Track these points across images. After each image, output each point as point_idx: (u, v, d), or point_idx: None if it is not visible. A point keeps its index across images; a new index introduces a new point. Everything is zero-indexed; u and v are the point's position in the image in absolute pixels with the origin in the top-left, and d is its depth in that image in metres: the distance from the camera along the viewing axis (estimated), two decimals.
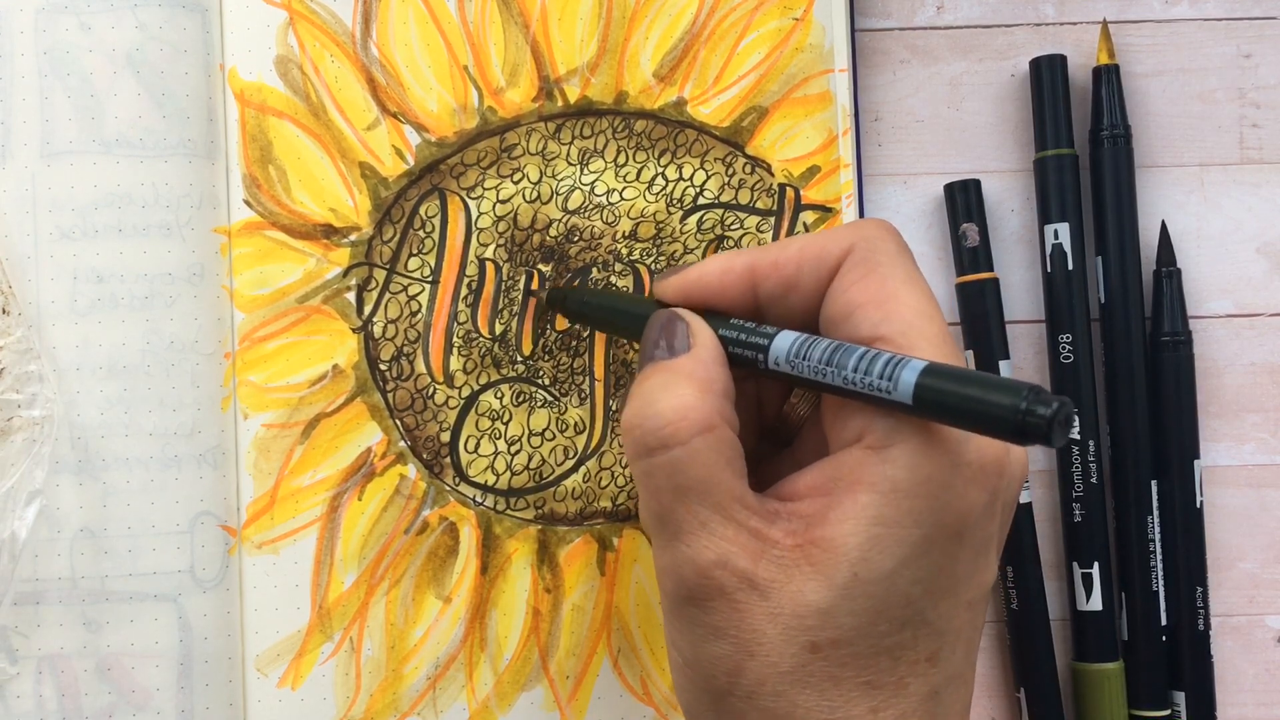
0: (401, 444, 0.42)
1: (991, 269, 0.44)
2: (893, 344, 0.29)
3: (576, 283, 0.43)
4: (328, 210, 0.42)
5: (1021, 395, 0.25)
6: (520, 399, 0.43)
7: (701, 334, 0.31)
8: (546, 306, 0.42)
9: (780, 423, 0.36)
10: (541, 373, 0.43)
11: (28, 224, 0.41)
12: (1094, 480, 0.43)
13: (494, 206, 0.43)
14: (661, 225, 0.43)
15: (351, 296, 0.42)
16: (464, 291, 0.43)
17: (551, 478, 0.43)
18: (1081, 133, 0.45)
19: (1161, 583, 0.44)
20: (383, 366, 0.42)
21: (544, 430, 0.43)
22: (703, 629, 0.29)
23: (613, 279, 0.43)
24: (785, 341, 0.30)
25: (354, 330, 0.42)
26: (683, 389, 0.29)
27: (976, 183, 0.45)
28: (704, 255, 0.43)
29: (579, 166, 0.43)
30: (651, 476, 0.30)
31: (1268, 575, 0.45)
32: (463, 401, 0.42)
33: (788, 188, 0.43)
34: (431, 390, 0.42)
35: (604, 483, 0.43)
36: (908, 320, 0.29)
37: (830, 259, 0.31)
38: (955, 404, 0.26)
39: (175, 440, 0.41)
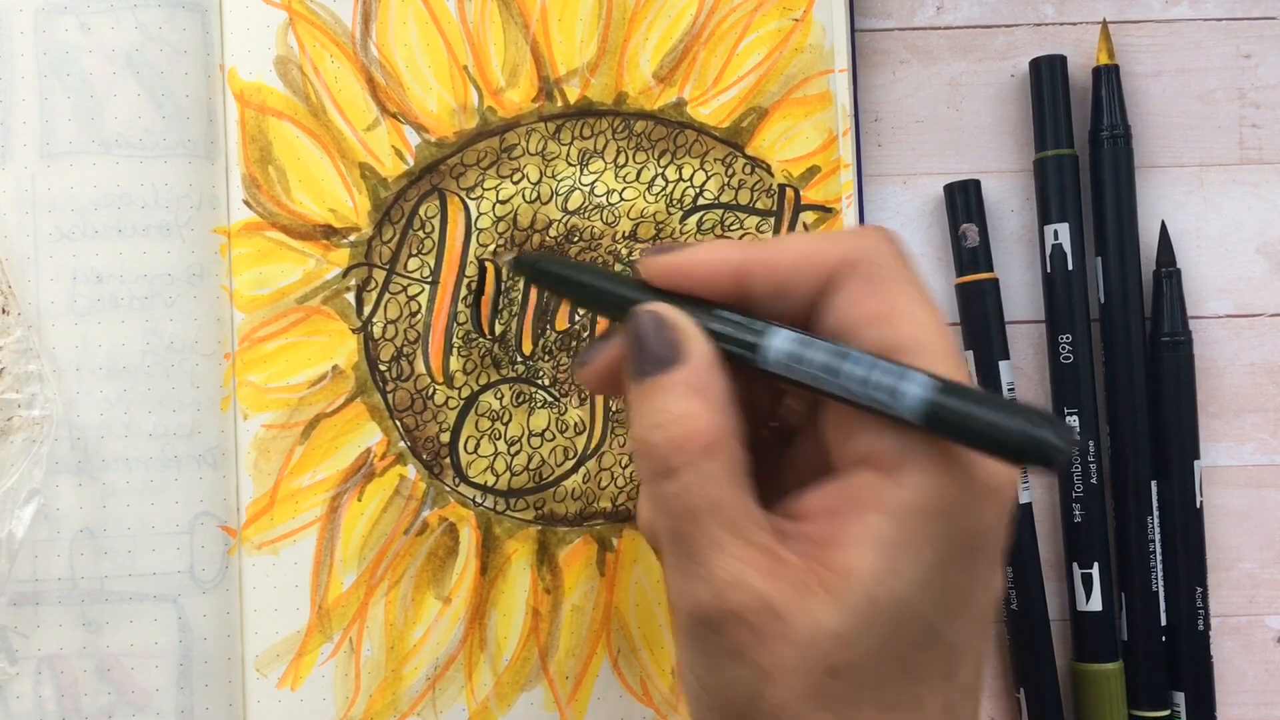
0: (401, 444, 0.42)
1: (991, 269, 0.44)
2: (902, 358, 0.28)
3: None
4: (327, 211, 0.42)
5: (1039, 422, 0.25)
6: (520, 399, 0.43)
7: (694, 338, 0.30)
8: (512, 272, 0.40)
9: (779, 420, 0.35)
10: (541, 373, 0.43)
11: (27, 224, 0.41)
12: (1094, 480, 0.43)
13: (494, 207, 0.43)
14: (661, 226, 0.43)
15: (351, 297, 0.42)
16: (464, 292, 0.43)
17: (551, 478, 0.43)
18: (1081, 133, 0.45)
19: (1161, 583, 0.44)
20: (382, 367, 0.42)
21: (544, 431, 0.43)
22: (720, 654, 0.28)
23: None
24: (780, 341, 0.28)
25: (354, 331, 0.42)
26: (683, 407, 0.29)
27: (976, 183, 0.45)
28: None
29: (579, 167, 0.43)
30: (662, 500, 0.29)
31: (1267, 575, 0.45)
32: (462, 402, 0.42)
33: (787, 188, 0.43)
34: (431, 391, 0.42)
35: (604, 483, 0.43)
36: (915, 336, 0.28)
37: (826, 269, 0.29)
38: (967, 425, 0.26)
39: (175, 441, 0.41)
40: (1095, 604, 0.43)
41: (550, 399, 0.43)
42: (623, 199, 0.43)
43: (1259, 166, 0.46)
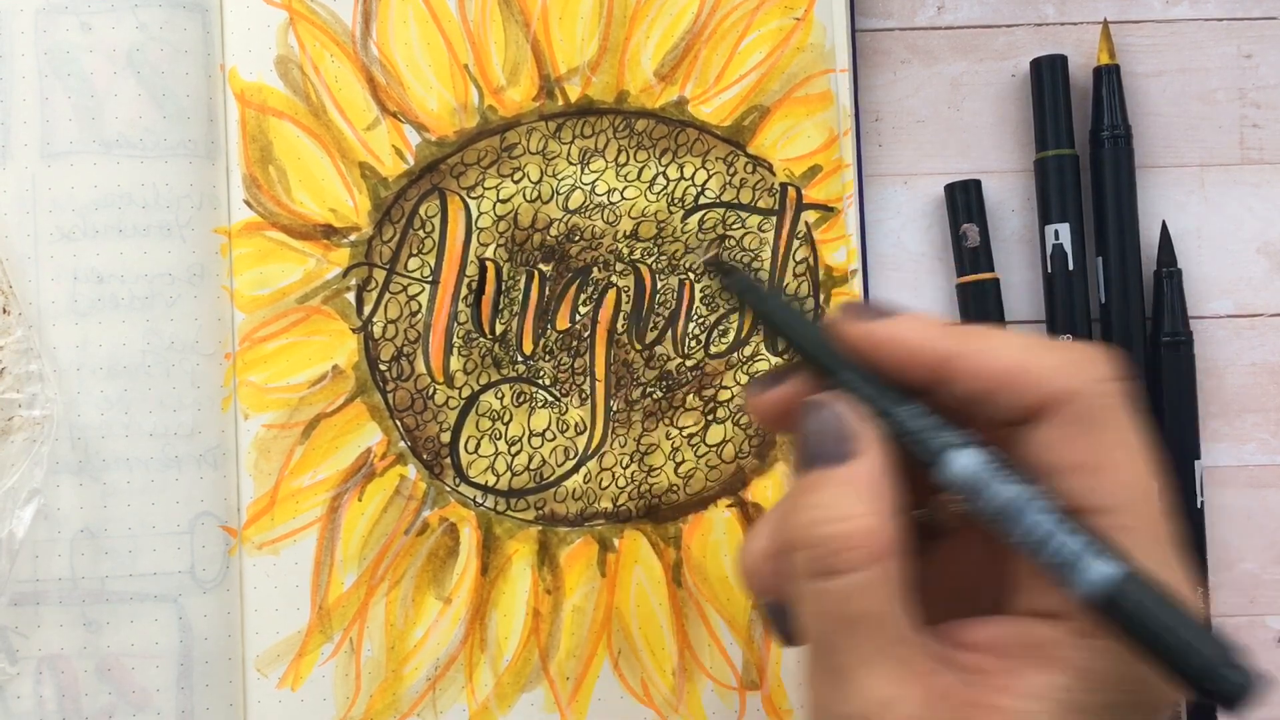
0: (401, 444, 0.42)
1: (992, 269, 0.44)
2: (1100, 519, 0.26)
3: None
4: (328, 210, 0.42)
5: (1222, 654, 0.23)
6: (520, 399, 0.43)
7: (868, 438, 0.28)
8: (704, 269, 0.36)
9: (929, 508, 0.32)
10: (542, 373, 0.43)
11: (28, 224, 0.41)
12: None
13: (494, 206, 0.43)
14: (663, 225, 0.43)
15: (351, 297, 0.42)
16: (464, 291, 0.43)
17: (552, 478, 0.43)
18: (1082, 133, 0.45)
19: None
20: (383, 367, 0.42)
21: (544, 431, 0.43)
22: None
23: (613, 279, 0.43)
24: (965, 464, 0.26)
25: (354, 330, 0.42)
26: (855, 507, 0.27)
27: (977, 183, 0.45)
28: (705, 252, 0.43)
29: (580, 166, 0.43)
30: (817, 601, 0.27)
31: (1268, 575, 0.45)
32: (463, 402, 0.42)
33: (789, 187, 0.43)
34: (431, 390, 0.42)
35: (604, 483, 0.43)
36: (1120, 495, 0.26)
37: (1038, 396, 0.27)
38: (1141, 630, 0.24)
39: (175, 440, 0.41)
40: None
41: (551, 399, 0.43)
42: (624, 198, 0.43)
43: (1260, 166, 0.46)
